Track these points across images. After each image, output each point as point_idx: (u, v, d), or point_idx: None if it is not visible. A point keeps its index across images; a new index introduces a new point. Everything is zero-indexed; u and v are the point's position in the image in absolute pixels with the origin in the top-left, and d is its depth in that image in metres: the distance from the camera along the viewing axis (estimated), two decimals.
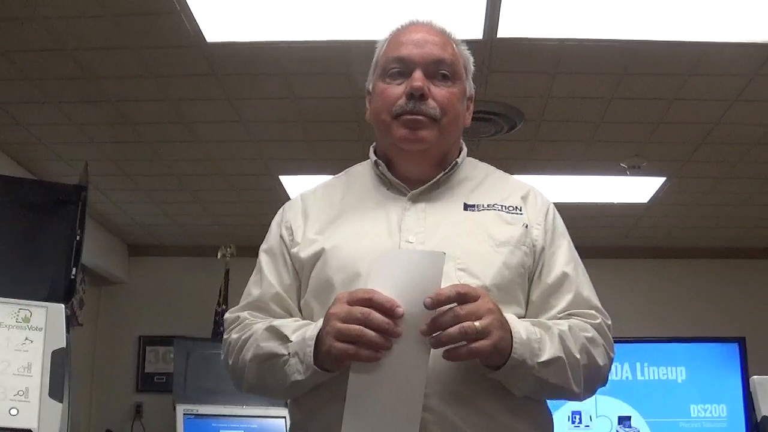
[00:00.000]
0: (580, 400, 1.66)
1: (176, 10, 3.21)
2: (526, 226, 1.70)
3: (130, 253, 6.96)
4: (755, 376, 3.33)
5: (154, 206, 5.94)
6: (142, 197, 5.71)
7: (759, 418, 3.15)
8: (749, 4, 3.13)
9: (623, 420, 6.29)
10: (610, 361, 1.66)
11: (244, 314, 1.73)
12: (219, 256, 6.14)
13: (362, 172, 1.83)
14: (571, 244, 1.77)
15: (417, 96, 1.66)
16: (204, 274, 6.41)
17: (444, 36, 1.76)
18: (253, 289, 1.76)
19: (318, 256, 1.66)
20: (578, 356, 1.56)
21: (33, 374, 2.64)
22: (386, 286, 1.43)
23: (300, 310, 1.71)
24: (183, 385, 5.39)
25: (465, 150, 1.82)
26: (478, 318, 1.42)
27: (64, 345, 2.72)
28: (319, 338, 1.49)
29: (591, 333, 1.62)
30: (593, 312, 1.67)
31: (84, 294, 6.18)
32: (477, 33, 3.35)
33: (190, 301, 6.57)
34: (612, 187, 5.31)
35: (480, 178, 1.79)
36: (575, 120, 4.29)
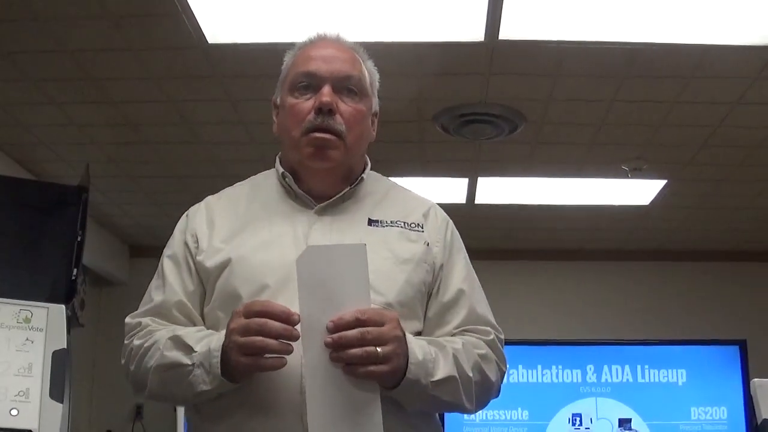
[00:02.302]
0: (472, 413, 1.73)
1: (177, 12, 3.21)
2: (428, 244, 1.72)
3: (131, 254, 6.96)
4: (756, 379, 3.32)
5: (155, 207, 5.94)
6: (144, 198, 5.72)
7: (759, 421, 3.14)
8: (750, 8, 3.13)
9: (624, 422, 6.29)
10: (502, 374, 1.73)
11: (146, 320, 1.74)
12: None
13: (266, 182, 1.86)
14: (468, 260, 1.81)
15: (325, 111, 1.68)
16: None
17: (352, 52, 1.79)
18: (155, 295, 1.77)
19: (224, 266, 1.67)
20: (470, 374, 1.61)
21: (34, 375, 2.64)
22: (313, 285, 1.44)
23: (203, 318, 1.71)
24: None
25: (369, 164, 1.84)
26: (384, 344, 1.45)
27: (64, 346, 2.72)
28: (225, 351, 1.50)
29: (484, 350, 1.67)
30: (487, 328, 1.71)
31: (85, 295, 6.17)
32: (478, 35, 3.35)
33: None
34: (613, 190, 5.31)
35: (382, 193, 1.81)
36: (576, 122, 4.29)
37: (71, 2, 3.17)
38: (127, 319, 1.80)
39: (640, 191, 5.34)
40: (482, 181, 5.11)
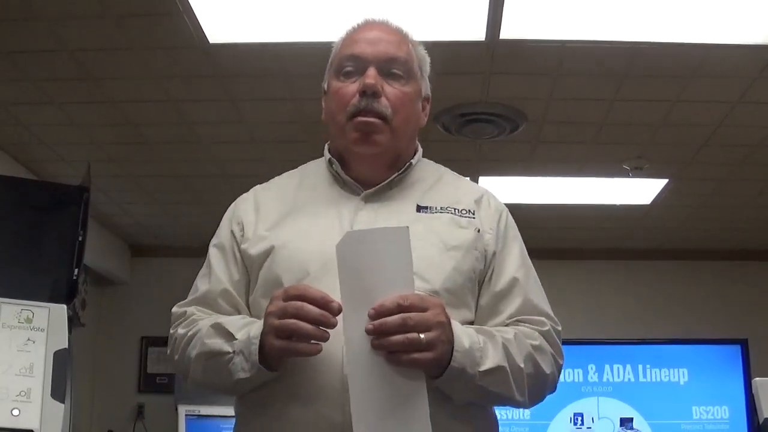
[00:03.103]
0: (526, 407, 1.67)
1: (178, 11, 3.21)
2: (479, 231, 1.68)
3: (132, 253, 6.96)
4: (758, 378, 3.32)
5: (156, 207, 5.94)
6: (144, 198, 5.72)
7: (761, 420, 3.14)
8: (752, 7, 3.13)
9: (625, 422, 6.29)
10: (559, 368, 1.67)
11: (191, 309, 1.72)
12: None
13: (316, 169, 1.83)
14: (524, 249, 1.76)
15: (370, 93, 1.65)
16: None
17: (399, 35, 1.75)
18: (201, 285, 1.76)
19: (267, 253, 1.65)
20: (522, 365, 1.55)
21: (35, 375, 2.64)
22: (354, 271, 1.41)
23: (248, 307, 1.70)
24: (185, 386, 5.39)
25: (420, 151, 1.81)
26: (427, 330, 1.40)
27: (66, 346, 2.72)
28: (263, 338, 1.48)
29: (538, 341, 1.61)
30: (542, 319, 1.66)
31: (86, 295, 6.18)
32: (479, 34, 3.35)
33: None
34: (614, 189, 5.31)
35: (433, 180, 1.77)
36: (577, 122, 4.29)
37: (72, 2, 3.17)
38: (174, 309, 1.79)
39: (641, 191, 5.34)
40: (483, 181, 5.11)
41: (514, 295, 1.66)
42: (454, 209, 1.69)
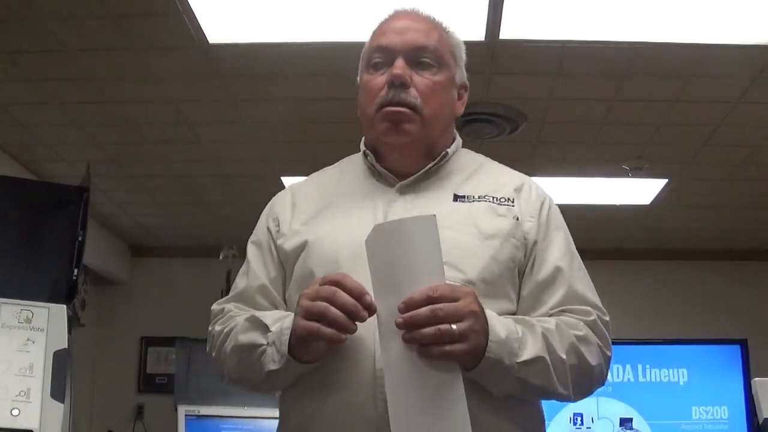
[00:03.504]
0: (573, 401, 1.60)
1: (178, 11, 3.21)
2: (517, 219, 1.63)
3: (132, 253, 6.96)
4: (757, 378, 3.32)
5: (155, 207, 5.94)
6: (144, 198, 5.72)
7: (761, 421, 3.14)
8: (751, 7, 3.13)
9: (625, 422, 6.28)
10: (606, 359, 1.60)
11: (230, 306, 1.72)
12: (221, 257, 6.14)
13: (354, 163, 1.80)
14: (569, 238, 1.72)
15: (397, 84, 1.62)
16: (206, 275, 6.39)
17: (429, 22, 1.71)
18: (239, 282, 1.75)
19: (301, 248, 1.63)
20: (564, 356, 1.50)
21: (34, 375, 2.64)
22: (384, 264, 1.39)
23: (285, 303, 1.69)
24: (185, 386, 5.39)
25: (458, 140, 1.78)
26: (458, 320, 1.37)
27: (65, 346, 2.72)
28: (293, 322, 1.47)
29: (582, 331, 1.56)
30: (587, 308, 1.61)
31: (86, 295, 6.18)
32: (479, 35, 3.35)
33: (191, 302, 6.55)
34: (614, 189, 5.31)
35: (473, 169, 1.74)
36: (577, 122, 4.29)
37: (72, 2, 3.17)
38: (213, 306, 1.77)
39: (641, 191, 5.34)
40: None
41: (557, 284, 1.61)
42: (493, 197, 1.65)
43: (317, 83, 3.86)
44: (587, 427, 6.25)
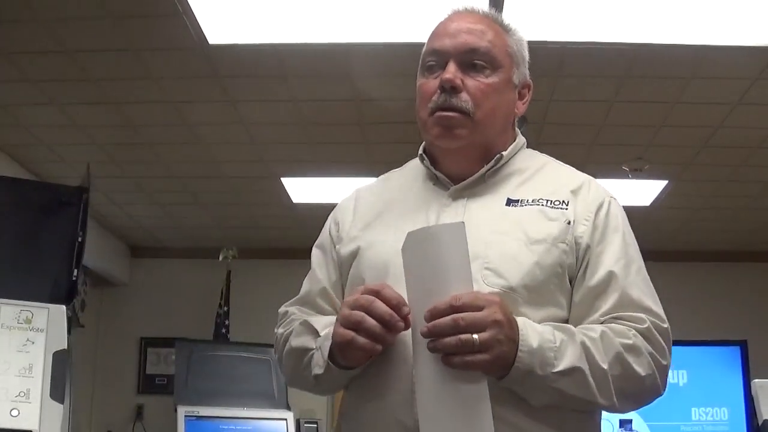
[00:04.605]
0: (620, 412, 1.55)
1: (178, 12, 3.21)
2: (569, 222, 1.58)
3: (132, 254, 6.96)
4: (757, 380, 3.32)
5: (155, 208, 5.94)
6: (144, 199, 5.72)
7: (761, 422, 3.14)
8: (751, 9, 3.13)
9: (624, 423, 6.28)
10: (661, 368, 1.54)
11: (293, 309, 1.72)
12: (220, 258, 6.14)
13: (415, 167, 1.77)
14: (628, 241, 1.65)
15: (448, 89, 1.59)
16: (205, 275, 6.41)
17: (485, 22, 1.68)
18: (304, 285, 1.75)
19: (354, 254, 1.63)
20: (605, 366, 1.44)
21: (34, 375, 2.64)
22: (418, 271, 1.39)
23: None
24: (184, 386, 5.38)
25: (519, 141, 1.72)
26: (481, 330, 1.34)
27: (65, 346, 2.72)
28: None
29: (631, 340, 1.49)
30: (641, 315, 1.53)
31: (85, 295, 6.17)
32: None
33: (191, 302, 6.58)
34: (614, 190, 5.28)
35: (532, 171, 1.69)
36: (577, 123, 4.29)
37: (72, 3, 3.18)
38: (279, 309, 1.76)
39: (641, 192, 5.34)
40: None
41: (610, 290, 1.54)
42: (546, 201, 1.60)
43: (317, 84, 3.86)
44: None
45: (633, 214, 5.68)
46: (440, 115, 1.60)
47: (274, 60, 3.63)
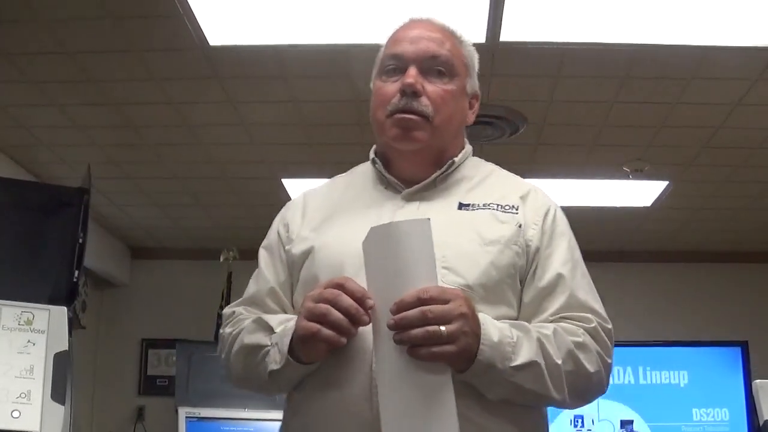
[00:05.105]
0: (570, 408, 1.61)
1: (179, 13, 3.21)
2: (520, 226, 1.64)
3: (133, 255, 6.96)
4: (758, 380, 3.32)
5: (156, 209, 5.94)
6: (145, 200, 5.72)
7: (761, 422, 3.14)
8: (751, 9, 3.13)
9: (625, 424, 6.28)
10: (606, 367, 1.60)
11: (240, 309, 1.74)
12: (221, 259, 6.14)
13: (364, 170, 1.82)
14: (573, 245, 1.71)
15: (409, 93, 1.64)
16: (206, 276, 6.41)
17: (443, 32, 1.74)
18: (251, 285, 1.78)
19: (307, 253, 1.66)
20: (559, 362, 1.50)
21: (35, 377, 2.64)
22: (379, 266, 1.41)
23: (293, 306, 1.71)
24: (185, 388, 5.39)
25: (467, 148, 1.79)
26: (448, 322, 1.37)
27: (66, 348, 2.72)
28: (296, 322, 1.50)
29: (581, 338, 1.55)
30: (588, 315, 1.60)
31: (86, 297, 6.17)
32: (480, 37, 3.35)
33: (192, 303, 6.57)
34: (614, 191, 5.30)
35: (480, 177, 1.75)
36: (578, 124, 4.29)
37: (72, 4, 3.18)
38: (225, 309, 1.79)
39: (641, 193, 5.34)
40: None
41: (558, 291, 1.61)
42: (497, 205, 1.67)
43: (317, 85, 3.87)
44: (588, 429, 6.25)
45: (633, 214, 5.71)
46: (400, 117, 1.64)
47: (275, 61, 3.63)
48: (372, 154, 1.78)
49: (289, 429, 1.64)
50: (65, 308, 2.79)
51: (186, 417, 5.31)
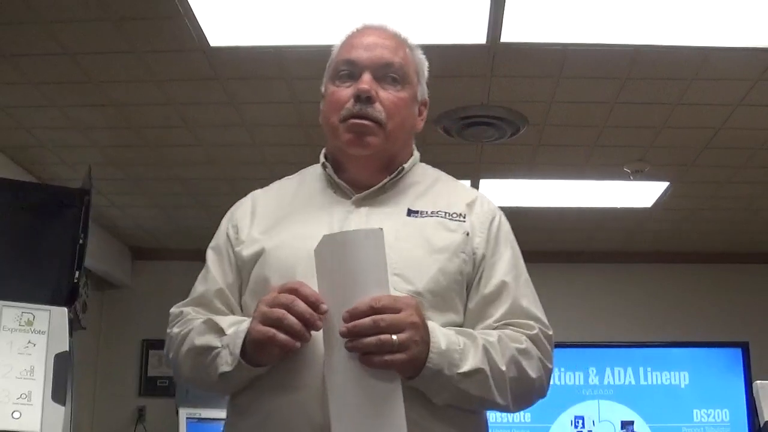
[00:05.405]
0: (511, 412, 1.66)
1: (179, 14, 3.21)
2: (467, 234, 1.68)
3: (134, 256, 6.96)
4: (758, 381, 3.31)
5: (157, 210, 5.94)
6: (146, 201, 5.72)
7: (762, 423, 3.14)
8: (752, 10, 3.13)
9: (626, 425, 6.28)
10: (547, 372, 1.65)
11: (188, 309, 1.75)
12: None
13: (313, 173, 1.85)
14: (517, 253, 1.76)
15: (363, 99, 1.67)
16: None
17: (396, 39, 1.77)
18: (198, 286, 1.80)
19: (258, 255, 1.68)
20: (504, 368, 1.54)
21: (36, 377, 2.64)
22: (331, 273, 1.44)
23: (241, 308, 1.72)
24: (186, 388, 5.39)
25: (416, 155, 1.82)
26: (399, 331, 1.41)
27: (66, 348, 2.72)
28: (249, 331, 1.51)
29: (524, 344, 1.60)
30: (531, 322, 1.65)
31: (87, 298, 6.17)
32: (480, 38, 3.35)
33: None
34: (615, 192, 5.30)
35: (428, 184, 1.79)
36: (578, 124, 4.29)
37: (73, 5, 3.18)
38: (172, 309, 1.81)
39: (642, 193, 5.34)
40: (484, 184, 5.11)
41: (502, 298, 1.66)
42: (445, 213, 1.70)
43: (318, 86, 3.85)
44: (588, 430, 6.26)
45: (634, 215, 5.71)
46: (354, 122, 1.67)
47: (275, 61, 3.63)
48: (322, 158, 1.81)
49: (236, 430, 1.64)
50: (66, 309, 2.79)
51: (187, 418, 5.31)
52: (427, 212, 1.70)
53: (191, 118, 4.28)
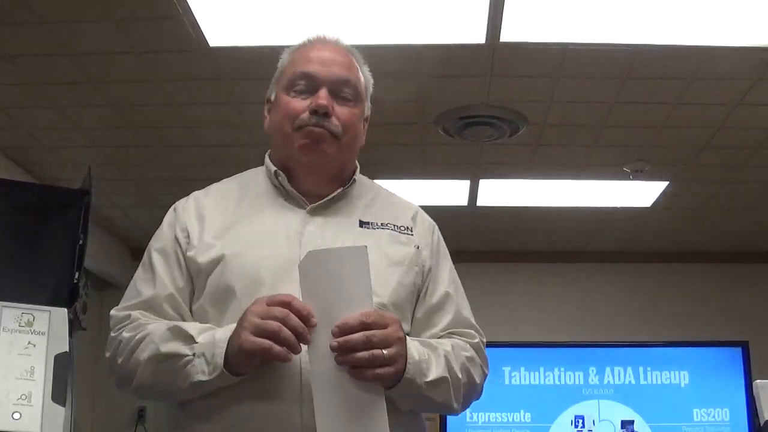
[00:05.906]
0: (457, 414, 1.75)
1: (179, 15, 3.21)
2: (417, 247, 1.75)
3: (133, 256, 6.95)
4: (758, 380, 3.31)
5: (157, 210, 5.90)
6: (146, 201, 5.72)
7: (762, 423, 3.14)
8: (752, 9, 3.13)
9: (626, 424, 6.28)
10: (485, 377, 1.76)
11: (135, 314, 1.71)
12: None
13: (256, 179, 1.86)
14: (452, 264, 1.85)
15: (321, 114, 1.70)
16: None
17: (350, 57, 1.81)
18: (144, 289, 1.76)
19: (218, 261, 1.66)
20: (459, 375, 1.64)
21: (36, 378, 2.63)
22: (316, 289, 1.47)
23: (192, 314, 1.70)
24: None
25: (358, 167, 1.85)
26: (388, 346, 1.47)
27: (66, 349, 2.71)
28: (231, 340, 1.50)
29: (470, 353, 1.71)
30: (472, 332, 1.76)
31: (87, 298, 6.17)
32: (480, 37, 3.35)
33: None
34: (615, 192, 5.31)
35: (371, 196, 1.83)
36: (578, 124, 4.29)
37: (73, 5, 3.18)
38: (113, 312, 1.78)
39: (642, 193, 5.34)
40: (484, 184, 5.11)
41: (447, 308, 1.75)
42: (394, 225, 1.76)
43: None
44: (588, 430, 6.26)
45: (634, 215, 5.71)
46: (311, 129, 1.70)
47: (276, 62, 3.62)
48: (271, 166, 1.81)
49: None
50: (66, 309, 2.77)
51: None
52: (377, 224, 1.75)
53: (191, 118, 4.28)
